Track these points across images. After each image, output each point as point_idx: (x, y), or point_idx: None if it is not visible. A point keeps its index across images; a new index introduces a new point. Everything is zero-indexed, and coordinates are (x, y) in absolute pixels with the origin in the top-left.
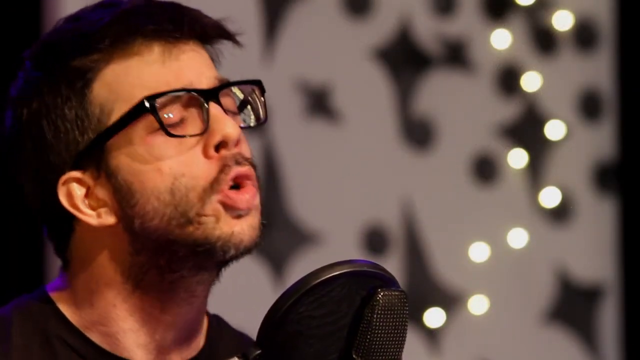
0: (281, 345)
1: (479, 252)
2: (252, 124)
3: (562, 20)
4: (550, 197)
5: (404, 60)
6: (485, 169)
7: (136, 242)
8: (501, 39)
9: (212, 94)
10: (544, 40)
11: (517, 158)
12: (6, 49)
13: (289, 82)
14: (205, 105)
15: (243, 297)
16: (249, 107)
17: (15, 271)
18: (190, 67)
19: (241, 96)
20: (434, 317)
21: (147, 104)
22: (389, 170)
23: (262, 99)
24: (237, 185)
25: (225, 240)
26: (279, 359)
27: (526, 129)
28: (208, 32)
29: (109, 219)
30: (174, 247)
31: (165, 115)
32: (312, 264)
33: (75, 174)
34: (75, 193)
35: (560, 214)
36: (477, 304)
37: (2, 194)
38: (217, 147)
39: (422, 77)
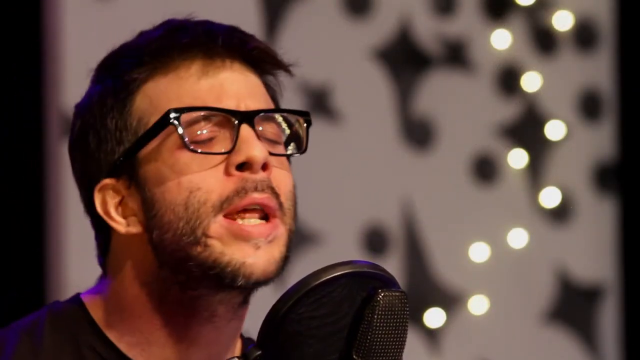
0: (281, 346)
1: (479, 252)
2: (290, 152)
3: (562, 20)
4: (550, 197)
5: (404, 60)
6: (485, 169)
7: (159, 256)
8: (501, 39)
9: (245, 117)
10: (544, 40)
11: (517, 158)
12: (6, 49)
13: (289, 82)
14: (237, 126)
15: None
16: (291, 136)
17: (16, 273)
18: (229, 87)
19: (284, 125)
20: (434, 317)
21: (171, 117)
22: (389, 170)
23: (304, 129)
24: (252, 209)
25: (234, 268)
26: (279, 359)
27: (526, 129)
28: (254, 55)
29: (135, 229)
30: (188, 265)
31: (198, 132)
32: (312, 264)
33: (110, 181)
34: (108, 200)
35: (560, 214)
36: (477, 304)
37: (2, 195)
38: (241, 168)
39: (422, 77)
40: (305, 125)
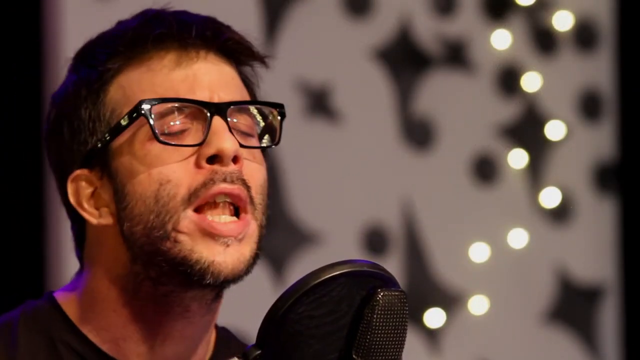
0: (281, 345)
1: (479, 252)
2: (264, 145)
3: (562, 20)
4: (550, 197)
5: (404, 60)
6: (485, 169)
7: (130, 249)
8: (501, 39)
9: (217, 108)
10: (544, 40)
11: (517, 158)
12: (6, 49)
13: (289, 82)
14: (209, 118)
15: (243, 297)
16: (265, 128)
17: (16, 272)
18: (202, 78)
19: (259, 117)
20: (434, 317)
21: (142, 108)
22: (389, 170)
23: (278, 121)
24: (223, 202)
25: (203, 266)
26: (279, 359)
27: (526, 129)
28: (229, 46)
29: (107, 220)
30: (158, 259)
31: (171, 123)
32: (312, 264)
33: (83, 172)
34: (81, 191)
35: (560, 214)
36: (477, 304)
37: (2, 195)
38: (211, 161)
39: (422, 77)
40: (279, 117)
